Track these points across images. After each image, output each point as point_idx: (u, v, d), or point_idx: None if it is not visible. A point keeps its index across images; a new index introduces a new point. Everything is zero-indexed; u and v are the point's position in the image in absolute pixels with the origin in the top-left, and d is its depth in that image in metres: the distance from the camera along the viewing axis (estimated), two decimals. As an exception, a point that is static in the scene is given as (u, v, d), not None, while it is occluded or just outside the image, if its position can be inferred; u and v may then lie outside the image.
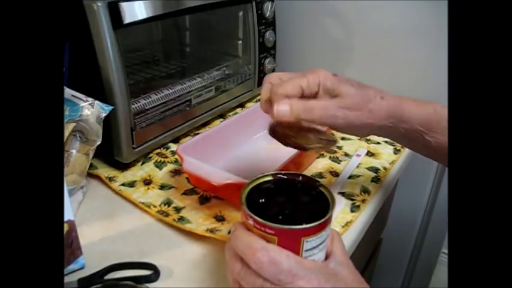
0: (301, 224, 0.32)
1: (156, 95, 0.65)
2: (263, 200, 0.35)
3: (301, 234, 0.32)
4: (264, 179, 0.37)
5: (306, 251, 0.33)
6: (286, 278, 0.31)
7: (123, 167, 0.63)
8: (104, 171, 0.62)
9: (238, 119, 0.69)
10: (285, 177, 0.38)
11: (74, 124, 0.51)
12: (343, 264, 0.34)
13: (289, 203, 0.35)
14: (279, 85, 0.43)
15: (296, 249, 0.32)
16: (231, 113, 0.81)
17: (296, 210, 0.35)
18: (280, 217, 0.33)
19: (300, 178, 0.38)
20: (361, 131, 0.47)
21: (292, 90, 0.43)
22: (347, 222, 0.53)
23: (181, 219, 0.53)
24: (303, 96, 0.43)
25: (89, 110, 0.52)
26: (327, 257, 0.35)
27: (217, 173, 0.51)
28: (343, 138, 0.72)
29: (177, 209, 0.55)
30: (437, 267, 0.94)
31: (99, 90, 0.56)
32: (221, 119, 0.78)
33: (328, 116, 0.42)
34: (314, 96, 0.44)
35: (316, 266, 0.33)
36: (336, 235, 0.36)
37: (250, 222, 0.33)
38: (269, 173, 0.38)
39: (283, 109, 0.41)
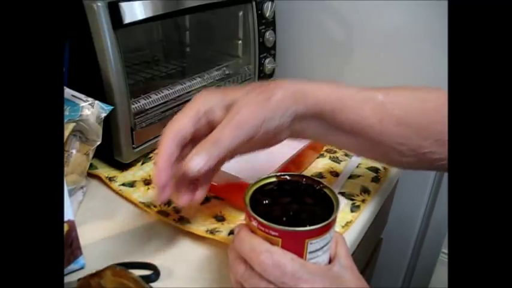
0: (306, 226, 0.32)
1: (156, 95, 0.65)
2: (267, 202, 0.35)
3: (305, 236, 0.32)
4: (267, 181, 0.37)
5: (310, 253, 0.33)
6: (290, 281, 0.31)
7: (123, 167, 0.62)
8: (104, 171, 0.62)
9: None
10: (289, 178, 0.38)
11: (74, 124, 0.51)
12: (347, 268, 0.34)
13: (293, 205, 0.35)
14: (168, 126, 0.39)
15: (300, 251, 0.32)
16: (230, 113, 0.80)
17: (300, 211, 0.34)
18: (284, 219, 0.33)
19: (304, 180, 0.37)
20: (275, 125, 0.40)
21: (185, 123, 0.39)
22: (347, 222, 0.53)
23: (181, 219, 0.53)
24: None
25: (89, 110, 0.52)
26: (331, 260, 0.35)
27: (217, 173, 0.51)
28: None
29: (177, 209, 0.55)
30: (437, 267, 0.94)
31: (99, 90, 0.56)
32: (221, 119, 0.78)
33: (242, 130, 0.38)
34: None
35: (321, 269, 0.33)
36: (340, 238, 0.36)
37: (254, 223, 0.33)
38: (273, 174, 0.38)
39: (197, 163, 0.36)
